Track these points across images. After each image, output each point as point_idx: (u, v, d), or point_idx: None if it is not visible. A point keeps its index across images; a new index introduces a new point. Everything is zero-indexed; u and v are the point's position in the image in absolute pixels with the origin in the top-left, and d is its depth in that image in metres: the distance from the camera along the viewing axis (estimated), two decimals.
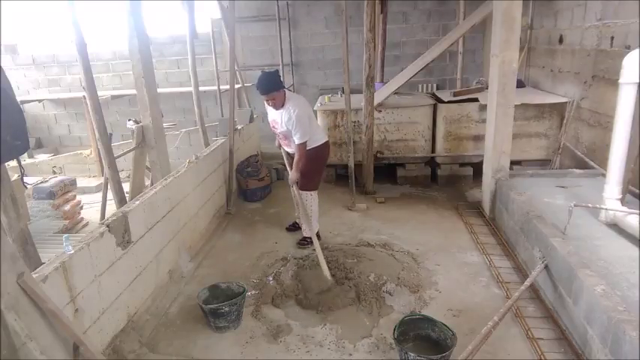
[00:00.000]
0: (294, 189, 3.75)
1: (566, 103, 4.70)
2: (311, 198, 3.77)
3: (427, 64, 5.38)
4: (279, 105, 3.46)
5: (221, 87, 6.99)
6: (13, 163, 3.06)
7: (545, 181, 3.99)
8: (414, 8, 7.21)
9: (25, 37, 8.05)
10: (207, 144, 4.94)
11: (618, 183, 2.94)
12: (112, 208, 3.79)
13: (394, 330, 2.37)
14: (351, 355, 2.51)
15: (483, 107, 4.61)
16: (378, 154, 5.25)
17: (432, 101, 5.22)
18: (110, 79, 7.98)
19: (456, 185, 5.21)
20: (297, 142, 3.46)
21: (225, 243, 4.04)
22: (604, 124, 4.00)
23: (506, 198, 3.68)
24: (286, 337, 2.68)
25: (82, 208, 5.38)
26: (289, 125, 3.44)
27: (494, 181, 4.02)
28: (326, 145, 3.77)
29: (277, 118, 3.53)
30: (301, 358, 2.51)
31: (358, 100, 4.94)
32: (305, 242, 3.84)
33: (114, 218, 2.66)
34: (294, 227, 4.16)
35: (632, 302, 2.15)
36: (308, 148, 3.55)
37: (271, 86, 3.38)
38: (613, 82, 3.49)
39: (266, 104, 3.54)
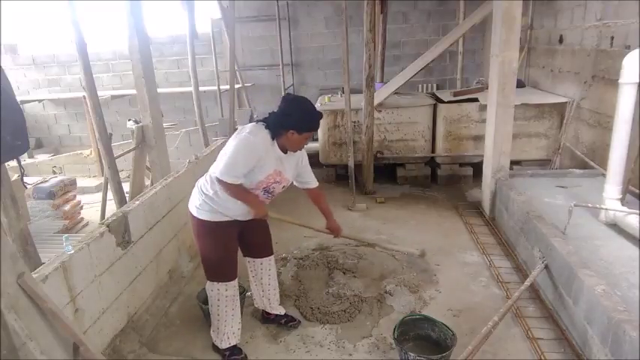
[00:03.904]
0: (258, 262, 2.75)
1: (566, 103, 4.70)
2: None
3: (427, 64, 5.38)
4: None
5: (221, 87, 6.99)
6: (13, 163, 3.06)
7: (545, 181, 3.99)
8: (414, 8, 7.22)
9: (25, 37, 8.05)
10: (207, 144, 4.94)
11: (618, 183, 2.94)
12: (112, 208, 3.79)
13: (394, 330, 2.37)
14: (351, 355, 2.51)
15: (483, 107, 4.61)
16: (378, 154, 5.25)
17: (432, 101, 5.22)
18: (110, 79, 7.98)
19: (456, 185, 5.21)
20: (316, 182, 2.65)
21: None
22: (604, 124, 4.00)
23: (506, 198, 3.68)
24: (286, 337, 2.68)
25: (82, 208, 5.38)
26: (304, 164, 2.53)
27: (494, 181, 4.02)
28: None
29: (284, 164, 2.33)
30: (301, 358, 2.51)
31: (358, 100, 4.94)
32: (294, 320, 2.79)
33: (114, 218, 2.66)
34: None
35: (632, 302, 2.15)
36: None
37: None
38: (613, 82, 3.49)
39: (291, 148, 2.30)
